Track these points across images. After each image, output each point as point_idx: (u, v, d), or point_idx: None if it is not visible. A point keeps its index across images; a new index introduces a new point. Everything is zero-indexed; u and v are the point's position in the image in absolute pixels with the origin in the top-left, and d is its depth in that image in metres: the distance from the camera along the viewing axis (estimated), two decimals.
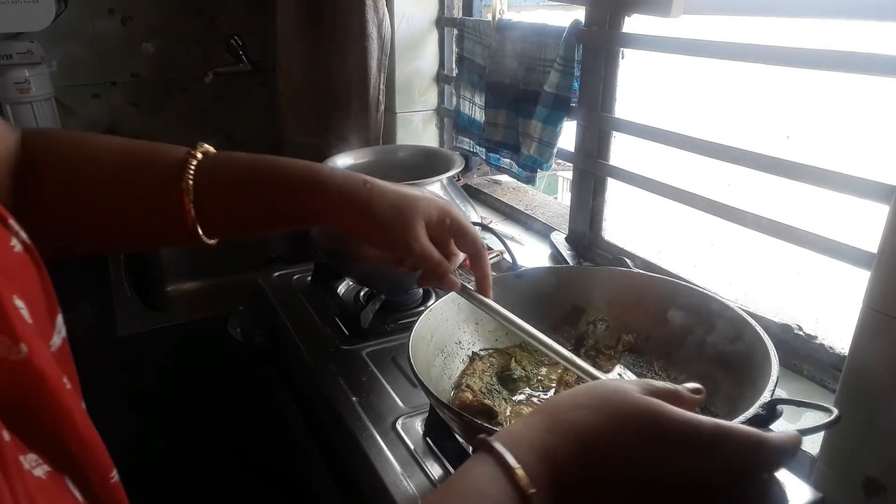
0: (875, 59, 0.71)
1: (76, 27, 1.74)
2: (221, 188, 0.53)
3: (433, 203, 0.61)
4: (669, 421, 0.39)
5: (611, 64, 1.10)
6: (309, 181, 0.56)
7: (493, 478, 0.37)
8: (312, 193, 0.56)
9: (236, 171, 0.55)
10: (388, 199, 0.58)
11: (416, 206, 0.59)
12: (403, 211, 0.58)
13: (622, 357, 0.79)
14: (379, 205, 0.57)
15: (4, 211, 0.30)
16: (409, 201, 0.59)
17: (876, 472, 0.65)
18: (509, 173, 1.38)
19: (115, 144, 0.55)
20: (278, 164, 0.56)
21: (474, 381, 0.72)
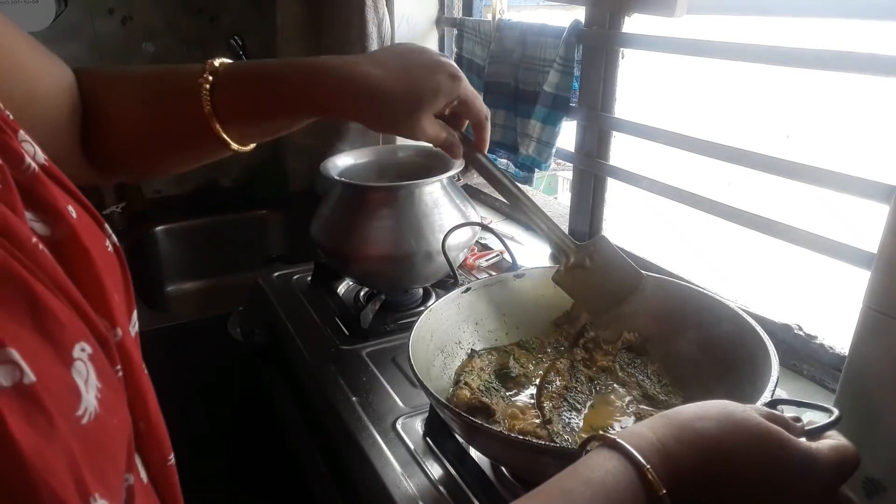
0: (875, 59, 0.71)
1: (76, 27, 1.74)
2: (236, 96, 0.57)
3: (439, 90, 0.60)
4: (794, 448, 0.41)
5: (611, 64, 1.10)
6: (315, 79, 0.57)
7: (622, 473, 0.38)
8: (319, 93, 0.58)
9: (250, 77, 0.58)
10: (392, 99, 0.58)
11: (422, 101, 0.59)
12: (410, 108, 0.59)
13: (620, 354, 0.79)
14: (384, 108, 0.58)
15: (100, 216, 0.34)
16: (414, 103, 0.59)
17: (876, 473, 0.65)
18: None
19: (141, 69, 0.61)
20: (287, 66, 0.59)
21: (472, 379, 0.72)
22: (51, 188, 0.31)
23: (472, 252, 1.22)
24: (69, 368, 0.25)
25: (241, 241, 1.91)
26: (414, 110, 0.59)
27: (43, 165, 0.32)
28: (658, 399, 0.73)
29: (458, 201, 1.03)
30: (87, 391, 0.25)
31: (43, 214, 0.30)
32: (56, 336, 0.25)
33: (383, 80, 0.57)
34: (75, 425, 0.24)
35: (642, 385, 0.75)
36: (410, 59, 0.60)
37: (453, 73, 0.61)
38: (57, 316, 0.25)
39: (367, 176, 1.10)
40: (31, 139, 0.32)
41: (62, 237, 0.30)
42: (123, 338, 0.32)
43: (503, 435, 0.60)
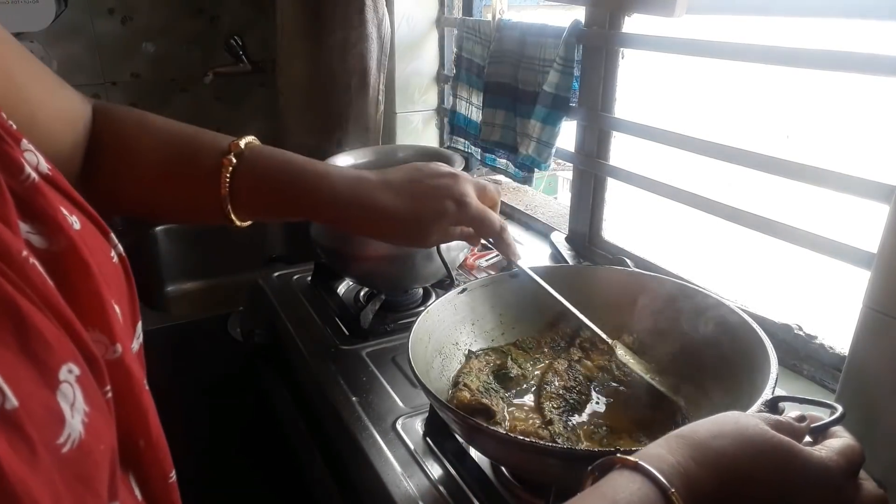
0: (875, 59, 0.71)
1: (76, 27, 1.74)
2: (254, 186, 0.59)
3: (444, 217, 0.64)
4: (805, 460, 0.42)
5: (611, 64, 1.10)
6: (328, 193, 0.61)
7: (647, 496, 0.38)
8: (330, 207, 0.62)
9: (271, 172, 0.61)
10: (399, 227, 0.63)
11: (428, 228, 0.63)
12: (417, 232, 0.64)
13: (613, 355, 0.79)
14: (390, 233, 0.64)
15: (106, 226, 0.34)
16: (422, 224, 0.63)
17: (876, 472, 0.65)
18: (505, 174, 1.38)
19: (165, 125, 0.61)
20: (306, 171, 0.62)
21: (471, 380, 0.72)
22: (51, 199, 0.30)
23: (472, 252, 1.22)
24: (54, 392, 0.24)
25: (241, 241, 1.90)
26: (420, 232, 0.64)
27: (46, 175, 0.31)
28: (654, 398, 0.73)
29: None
30: (72, 416, 0.24)
31: (41, 226, 0.29)
32: (42, 357, 0.24)
33: (393, 205, 0.62)
34: (56, 454, 0.23)
35: (638, 384, 0.75)
36: (421, 184, 0.64)
37: (459, 200, 0.64)
38: (44, 336, 0.25)
39: None
40: (34, 149, 0.31)
41: (61, 249, 0.30)
42: (123, 354, 0.31)
43: (507, 437, 0.60)
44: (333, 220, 0.63)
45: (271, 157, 0.61)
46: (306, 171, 0.61)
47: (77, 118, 0.56)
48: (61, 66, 1.70)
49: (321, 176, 0.61)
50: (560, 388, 0.73)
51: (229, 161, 0.57)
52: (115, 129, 0.58)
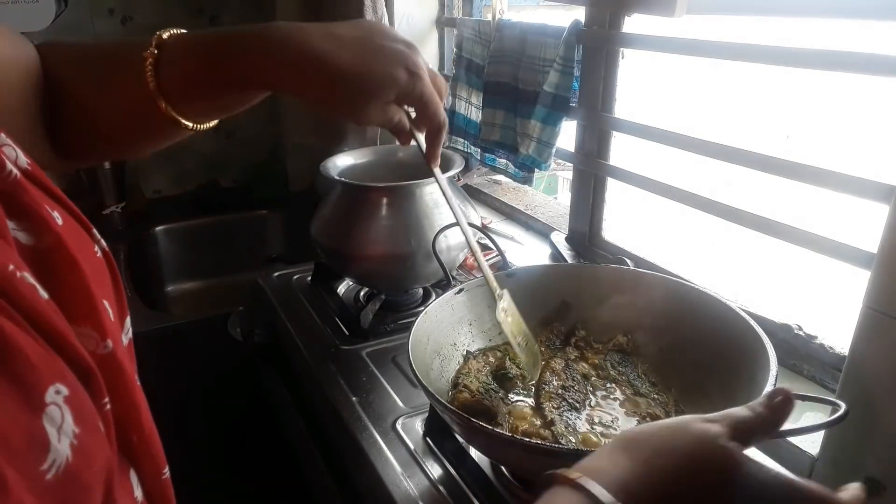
0: (875, 59, 0.71)
1: (76, 27, 1.74)
2: (182, 70, 0.52)
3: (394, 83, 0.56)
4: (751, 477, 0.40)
5: (611, 64, 1.10)
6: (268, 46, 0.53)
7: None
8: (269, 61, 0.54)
9: (197, 47, 0.54)
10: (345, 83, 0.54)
11: (373, 90, 0.55)
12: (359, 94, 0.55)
13: (610, 355, 0.79)
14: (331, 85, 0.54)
15: (87, 221, 0.33)
16: (367, 83, 0.54)
17: (876, 472, 0.65)
18: (505, 174, 1.38)
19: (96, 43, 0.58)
20: (238, 33, 0.54)
21: (471, 381, 0.72)
22: (34, 194, 0.30)
23: None
24: (40, 416, 0.23)
25: (241, 241, 1.91)
26: (363, 97, 0.55)
27: (25, 170, 0.30)
28: (650, 397, 0.73)
29: (458, 201, 1.03)
30: (58, 440, 0.23)
31: (27, 223, 0.29)
32: (27, 381, 0.23)
33: (339, 60, 0.53)
34: (38, 482, 0.22)
35: (633, 384, 0.75)
36: (372, 42, 0.55)
37: (412, 70, 0.56)
38: (29, 358, 0.23)
39: (367, 176, 1.09)
40: (12, 142, 0.30)
41: (48, 245, 0.29)
42: (115, 349, 0.30)
43: (509, 437, 0.60)
44: (275, 82, 0.54)
45: (196, 37, 0.54)
46: (234, 36, 0.54)
47: (33, 62, 0.51)
48: None
49: (252, 36, 0.54)
50: (559, 388, 0.73)
51: (150, 53, 0.51)
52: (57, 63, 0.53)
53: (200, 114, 0.55)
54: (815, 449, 0.71)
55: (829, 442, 0.69)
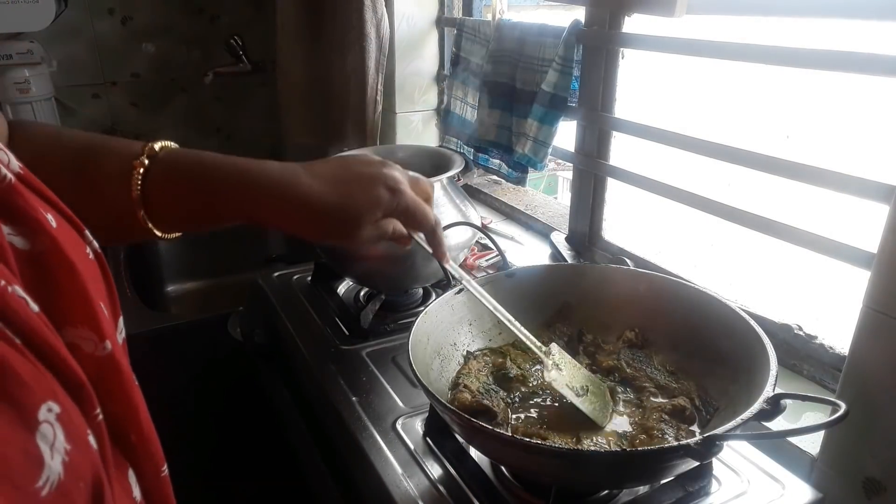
0: (875, 59, 0.71)
1: (76, 27, 1.74)
2: (168, 190, 0.54)
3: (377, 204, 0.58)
4: None
5: (611, 64, 1.10)
6: (247, 186, 0.56)
7: None
8: (250, 201, 0.56)
9: (184, 172, 0.55)
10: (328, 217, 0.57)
11: (359, 216, 0.58)
12: (347, 222, 0.58)
13: (622, 352, 0.79)
14: (319, 225, 0.57)
15: (80, 223, 0.33)
16: (351, 219, 0.57)
17: (876, 472, 0.65)
18: (498, 174, 1.38)
19: (78, 136, 0.57)
20: (223, 167, 0.56)
21: (471, 382, 0.72)
22: (28, 198, 0.30)
23: (472, 252, 1.22)
24: (34, 434, 0.24)
25: (241, 241, 1.91)
26: (350, 223, 0.58)
27: (18, 174, 0.30)
28: (671, 387, 0.73)
29: (458, 201, 1.03)
30: (51, 457, 0.24)
31: (21, 227, 0.29)
32: (21, 400, 0.23)
33: (318, 193, 0.56)
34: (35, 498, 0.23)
35: (652, 377, 0.75)
36: (349, 171, 0.59)
37: (392, 187, 0.59)
38: (21, 377, 0.24)
39: None
40: (3, 147, 0.31)
41: (44, 249, 0.29)
42: (112, 349, 0.31)
43: (511, 438, 0.60)
44: (256, 214, 0.57)
45: (187, 156, 0.56)
46: (227, 165, 0.56)
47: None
48: (61, 66, 1.70)
49: (242, 171, 0.56)
50: None
51: (140, 163, 0.53)
52: (28, 143, 0.53)
53: (174, 228, 0.57)
54: (815, 449, 0.71)
55: (829, 442, 0.69)
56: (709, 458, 0.56)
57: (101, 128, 1.86)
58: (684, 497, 0.66)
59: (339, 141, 1.55)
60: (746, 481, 0.69)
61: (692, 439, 0.53)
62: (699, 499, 0.66)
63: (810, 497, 0.67)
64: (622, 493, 0.67)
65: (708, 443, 0.52)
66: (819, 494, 0.67)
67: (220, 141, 2.00)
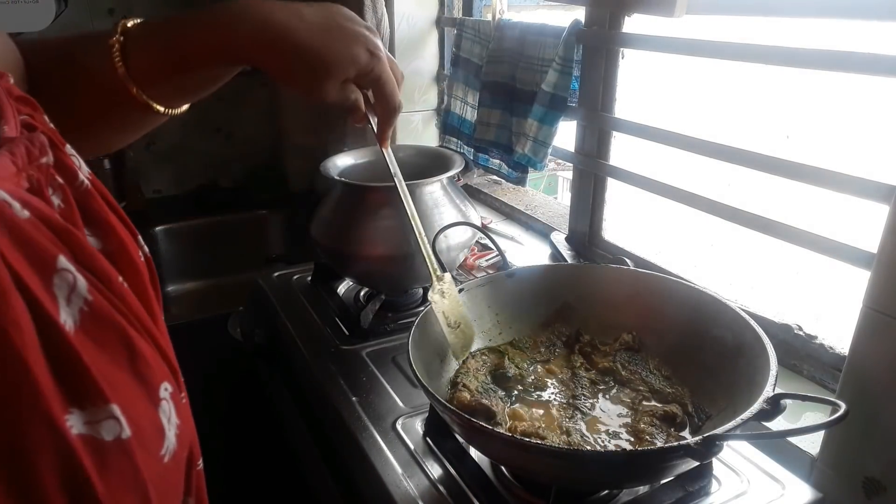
0: (875, 59, 0.71)
1: (76, 27, 1.74)
2: (148, 53, 0.54)
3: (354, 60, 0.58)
4: None
5: (611, 64, 1.10)
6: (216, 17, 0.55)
7: None
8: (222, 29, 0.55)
9: (155, 28, 0.55)
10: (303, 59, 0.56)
11: (333, 65, 0.57)
12: (319, 68, 0.57)
13: (618, 354, 0.79)
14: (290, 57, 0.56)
15: (134, 228, 0.35)
16: (327, 58, 0.57)
17: (876, 472, 0.65)
18: (497, 174, 1.38)
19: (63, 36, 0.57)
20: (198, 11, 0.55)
21: (470, 381, 0.72)
22: (100, 202, 0.32)
23: (472, 252, 1.22)
24: (157, 408, 0.27)
25: (241, 241, 1.91)
26: (322, 72, 0.57)
27: (90, 179, 0.32)
28: (665, 392, 0.73)
29: (458, 201, 1.03)
30: (169, 429, 0.28)
31: (96, 229, 0.31)
32: (148, 379, 0.27)
33: (300, 34, 0.55)
34: (160, 464, 0.26)
35: (647, 381, 0.75)
36: (334, 21, 0.58)
37: (373, 50, 0.59)
38: (147, 359, 0.27)
39: (367, 176, 1.09)
40: (75, 152, 0.32)
41: (114, 249, 0.31)
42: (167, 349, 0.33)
43: (511, 438, 0.60)
44: (238, 54, 0.56)
45: (158, 20, 0.56)
46: (195, 13, 0.55)
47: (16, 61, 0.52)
48: None
49: (213, 11, 0.55)
50: (569, 398, 0.73)
51: (116, 40, 0.52)
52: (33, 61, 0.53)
53: (171, 97, 0.57)
54: (815, 449, 0.71)
55: (829, 442, 0.69)
56: (709, 458, 0.56)
57: None
58: (684, 497, 0.66)
59: (339, 141, 1.55)
60: (746, 481, 0.69)
61: (692, 439, 0.53)
62: (699, 499, 0.66)
63: (810, 497, 0.67)
64: (622, 493, 0.67)
65: (708, 443, 0.52)
66: (819, 494, 0.67)
67: (220, 141, 2.00)
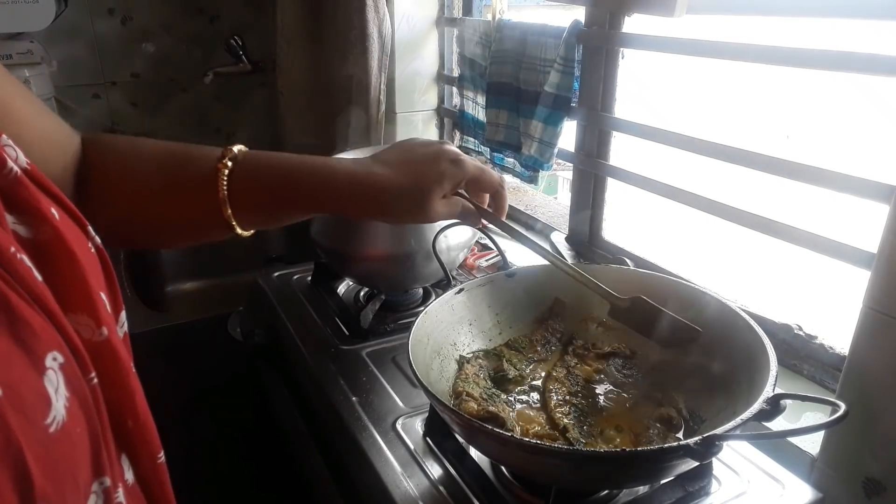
0: (875, 59, 0.71)
1: (76, 27, 1.74)
2: (251, 187, 0.59)
3: (443, 177, 0.62)
4: None
5: (611, 64, 1.10)
6: (325, 180, 0.60)
7: None
8: (328, 200, 0.61)
9: (265, 170, 0.60)
10: (401, 198, 0.61)
11: (429, 190, 0.62)
12: (419, 198, 0.62)
13: (611, 360, 0.79)
14: (394, 207, 0.62)
15: (83, 219, 0.35)
16: (422, 195, 0.62)
17: (876, 472, 0.65)
18: (513, 173, 1.38)
19: (157, 146, 0.61)
20: (301, 165, 0.61)
21: (472, 388, 0.72)
22: (33, 191, 0.32)
23: (473, 252, 1.22)
24: (42, 376, 0.26)
25: (241, 241, 1.89)
26: (423, 199, 0.62)
27: (25, 169, 0.32)
28: (658, 397, 0.73)
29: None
30: (56, 399, 0.27)
31: (25, 217, 0.31)
32: (30, 345, 0.26)
33: (391, 178, 0.61)
34: (42, 433, 0.26)
35: (640, 385, 0.75)
36: (413, 153, 0.63)
37: (454, 159, 0.63)
38: (32, 326, 0.27)
39: None
40: (12, 143, 0.33)
41: (47, 238, 0.31)
42: (110, 336, 0.32)
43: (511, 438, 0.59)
44: (336, 205, 0.62)
45: (266, 156, 0.61)
46: (303, 163, 0.61)
47: (65, 144, 0.55)
48: (61, 66, 1.70)
49: (318, 165, 0.61)
50: (566, 395, 0.73)
51: (224, 165, 0.57)
52: (107, 155, 0.58)
53: (253, 223, 0.61)
54: (815, 449, 0.71)
55: (829, 442, 0.69)
56: (709, 458, 0.56)
57: (100, 128, 1.86)
58: (684, 497, 0.66)
59: (341, 141, 1.55)
60: (746, 481, 0.69)
61: (692, 439, 0.53)
62: (699, 499, 0.66)
63: (810, 497, 0.67)
64: (622, 493, 0.67)
65: (708, 443, 0.52)
66: (819, 494, 0.67)
67: (220, 141, 2.00)
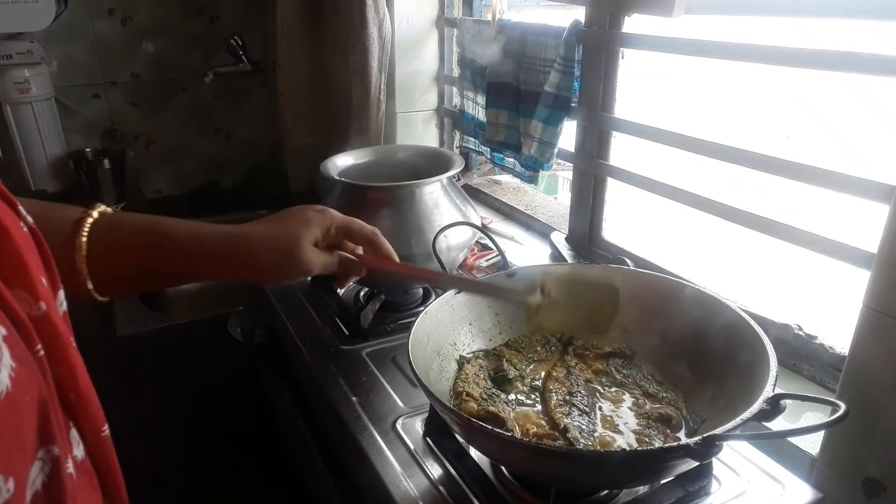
0: (875, 59, 0.71)
1: (76, 27, 1.74)
2: (112, 251, 0.57)
3: (309, 221, 0.64)
4: None
5: (611, 64, 1.10)
6: (195, 247, 0.60)
7: None
8: (199, 257, 0.60)
9: (127, 234, 0.59)
10: (270, 247, 0.62)
11: (296, 237, 0.62)
12: (288, 247, 0.62)
13: (611, 360, 0.79)
14: (264, 257, 0.61)
15: (13, 198, 0.35)
16: (290, 241, 0.62)
17: (876, 472, 0.65)
18: (514, 173, 1.39)
19: None
20: (166, 230, 0.60)
21: (472, 388, 0.72)
22: None
23: (472, 252, 1.22)
24: None
25: None
26: (293, 246, 0.62)
27: None
28: (659, 396, 0.73)
29: (458, 201, 1.03)
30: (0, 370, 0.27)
31: None
32: None
33: (260, 229, 0.62)
34: None
35: (641, 385, 0.75)
36: (282, 213, 0.65)
37: (320, 209, 0.65)
38: None
39: (367, 176, 1.09)
40: None
41: None
42: (48, 311, 0.33)
43: (511, 438, 0.59)
44: (210, 270, 0.61)
45: (131, 217, 0.60)
46: (167, 222, 0.60)
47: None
48: (61, 66, 1.70)
49: (186, 225, 0.60)
50: (566, 395, 0.73)
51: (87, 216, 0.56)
52: None
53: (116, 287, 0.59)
54: (815, 449, 0.71)
55: (829, 442, 0.69)
56: (709, 458, 0.56)
57: (101, 128, 1.86)
58: (684, 497, 0.66)
59: (342, 141, 1.55)
60: (746, 481, 0.69)
61: (692, 439, 0.53)
62: (699, 499, 0.66)
63: (810, 497, 0.67)
64: (622, 493, 0.67)
65: (708, 443, 0.52)
66: (819, 494, 0.67)
67: (220, 141, 2.00)
